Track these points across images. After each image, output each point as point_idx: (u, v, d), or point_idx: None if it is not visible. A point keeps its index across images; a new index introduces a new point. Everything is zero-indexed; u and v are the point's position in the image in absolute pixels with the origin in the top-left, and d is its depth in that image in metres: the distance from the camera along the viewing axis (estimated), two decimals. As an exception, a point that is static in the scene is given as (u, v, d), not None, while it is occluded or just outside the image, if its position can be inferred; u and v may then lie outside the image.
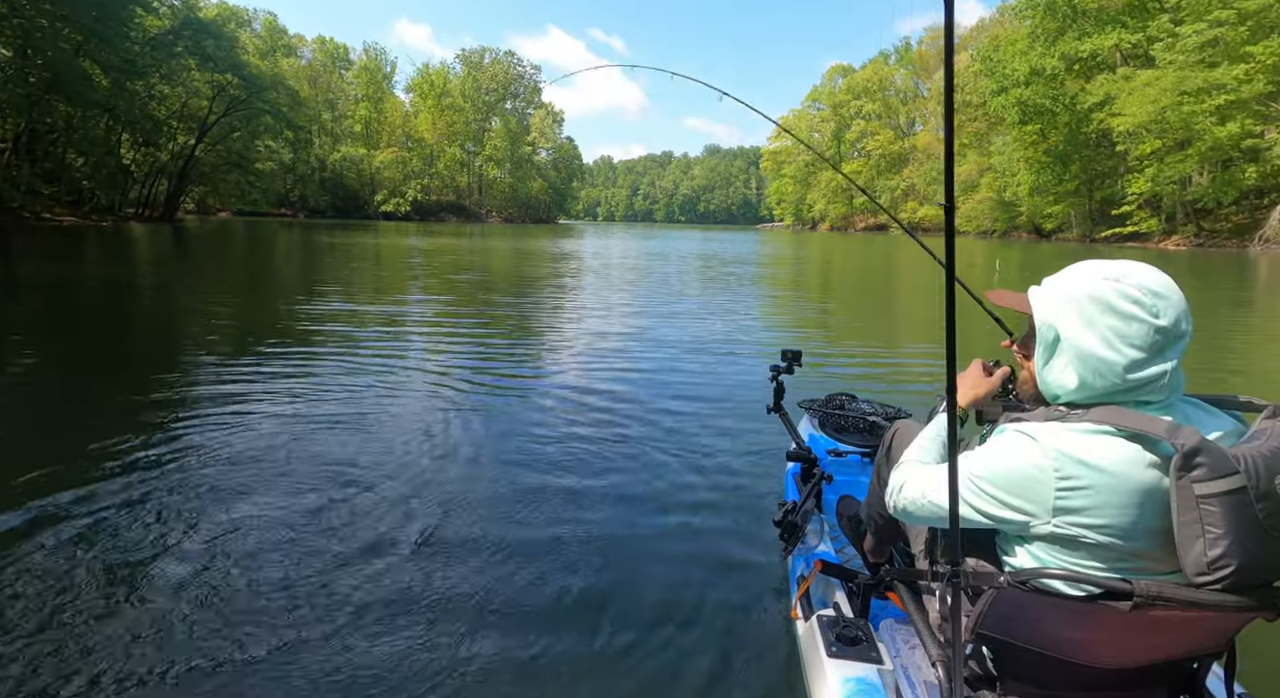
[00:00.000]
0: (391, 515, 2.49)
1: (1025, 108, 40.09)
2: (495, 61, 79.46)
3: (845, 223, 79.14)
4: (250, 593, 1.95)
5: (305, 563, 2.12)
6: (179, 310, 7.94)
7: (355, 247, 21.06)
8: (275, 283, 11.47)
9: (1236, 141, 30.67)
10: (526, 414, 3.89)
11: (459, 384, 4.52)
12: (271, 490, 2.67)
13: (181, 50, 33.02)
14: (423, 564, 2.15)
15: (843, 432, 2.36)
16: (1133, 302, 0.96)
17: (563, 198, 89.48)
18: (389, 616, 1.87)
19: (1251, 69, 29.57)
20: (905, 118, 77.10)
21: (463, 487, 2.78)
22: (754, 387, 4.61)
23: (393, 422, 3.64)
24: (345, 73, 74.08)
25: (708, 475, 2.97)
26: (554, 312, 8.56)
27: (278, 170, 54.72)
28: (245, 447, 3.15)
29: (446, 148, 72.86)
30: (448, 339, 6.39)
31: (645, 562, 2.23)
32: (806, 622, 1.50)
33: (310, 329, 6.45)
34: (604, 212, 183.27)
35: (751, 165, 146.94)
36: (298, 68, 65.66)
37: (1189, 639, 0.99)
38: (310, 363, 4.98)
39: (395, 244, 23.58)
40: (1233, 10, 30.28)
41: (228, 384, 4.29)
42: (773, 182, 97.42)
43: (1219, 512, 0.84)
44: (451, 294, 9.97)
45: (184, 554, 2.16)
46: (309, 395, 4.08)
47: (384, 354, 5.47)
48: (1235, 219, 32.95)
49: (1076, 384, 1.01)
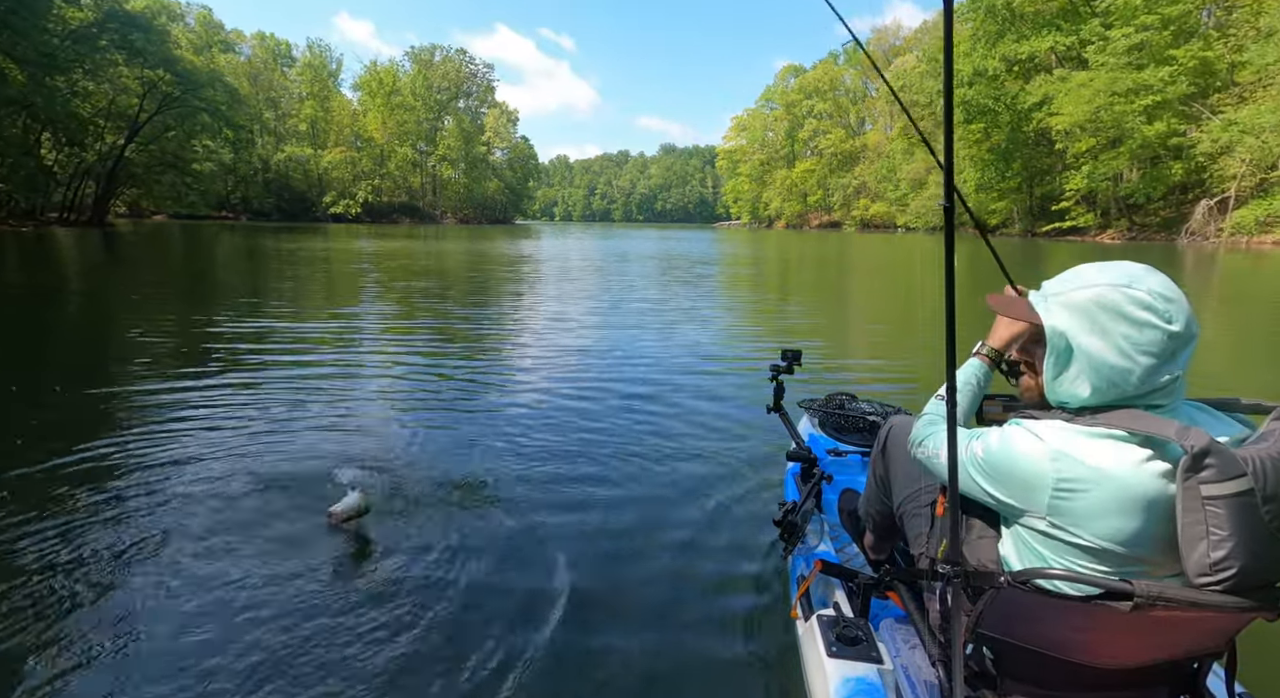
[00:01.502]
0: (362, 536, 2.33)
1: (969, 107, 41.44)
2: (446, 59, 77.80)
3: (800, 221, 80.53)
4: (189, 615, 1.86)
5: (272, 585, 2.01)
6: (102, 321, 7.36)
7: (300, 251, 20.08)
8: (210, 291, 10.78)
9: (1163, 140, 32.43)
10: (519, 419, 3.79)
11: (431, 386, 4.31)
12: (209, 514, 2.46)
13: (107, 44, 31.05)
14: (422, 567, 2.13)
15: (843, 431, 2.35)
16: (1145, 308, 0.94)
17: (519, 198, 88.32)
18: (371, 641, 1.78)
19: (1175, 71, 31.35)
20: (855, 117, 78.93)
21: (452, 492, 2.72)
22: (753, 387, 4.55)
23: (352, 437, 3.38)
24: (288, 70, 71.24)
25: (707, 476, 2.96)
26: (529, 315, 8.31)
27: (217, 171, 52.23)
28: (176, 467, 2.89)
29: (398, 148, 70.88)
30: (403, 350, 6.08)
31: (645, 562, 2.22)
32: (806, 622, 1.51)
33: (243, 341, 6.02)
34: (561, 211, 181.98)
35: (707, 164, 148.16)
36: (236, 64, 62.74)
37: (1189, 639, 0.99)
38: (246, 377, 4.63)
39: (344, 248, 22.67)
40: (1156, 15, 32.01)
41: (159, 396, 3.93)
42: (729, 180, 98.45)
43: (1224, 514, 0.83)
44: (403, 303, 9.56)
45: (111, 581, 2.01)
46: (246, 412, 3.76)
47: (326, 371, 5.07)
48: (1163, 214, 34.81)
49: (1089, 393, 0.99)
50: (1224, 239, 29.09)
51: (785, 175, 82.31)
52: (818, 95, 79.30)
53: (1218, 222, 30.15)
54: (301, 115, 67.74)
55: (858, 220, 68.30)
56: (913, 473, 1.47)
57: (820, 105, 78.77)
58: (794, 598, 1.65)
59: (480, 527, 2.43)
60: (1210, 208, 30.67)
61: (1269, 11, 27.89)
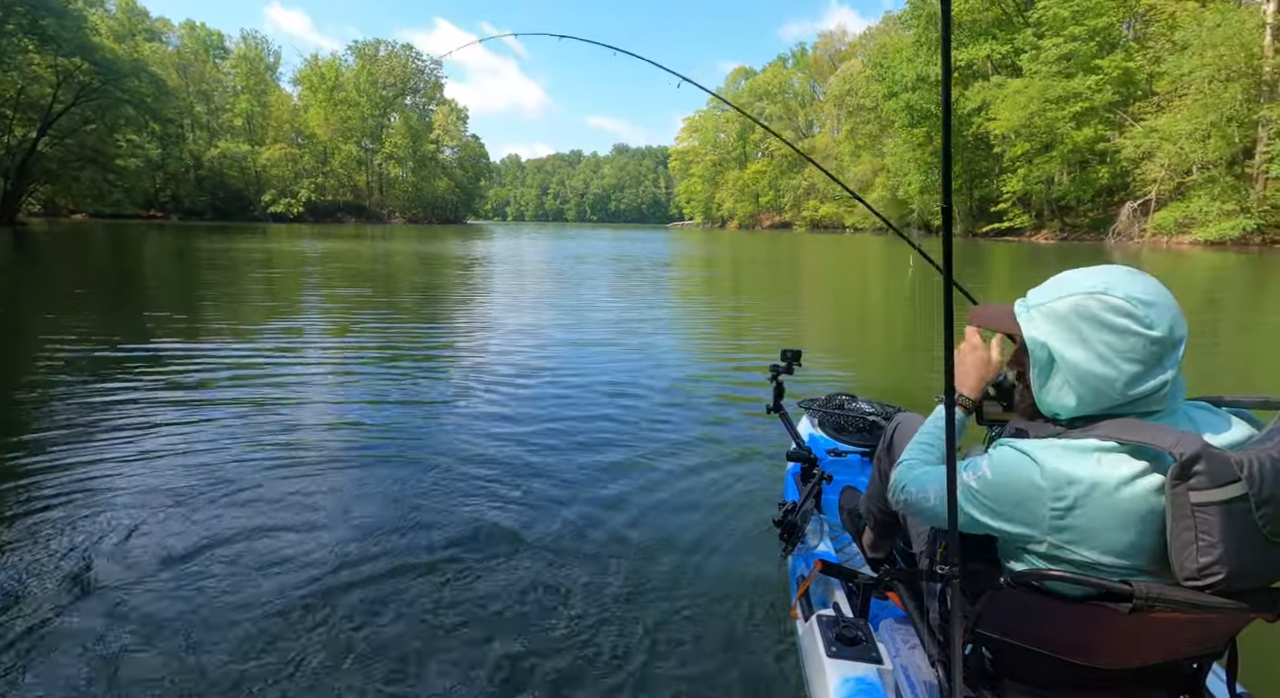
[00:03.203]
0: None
1: (913, 111, 42.79)
2: (392, 55, 75.45)
3: (753, 221, 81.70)
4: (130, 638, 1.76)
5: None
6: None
7: (230, 253, 18.97)
8: (128, 296, 10.01)
9: (1091, 145, 34.25)
10: (514, 421, 3.74)
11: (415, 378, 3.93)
12: (135, 541, 2.23)
13: (14, 29, 28.83)
14: (420, 567, 2.12)
15: (842, 431, 2.34)
16: (1124, 315, 0.94)
17: (470, 197, 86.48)
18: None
19: (1101, 80, 33.17)
20: (804, 120, 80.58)
21: (446, 500, 2.67)
22: (752, 386, 4.53)
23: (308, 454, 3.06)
24: (221, 62, 67.70)
25: (707, 476, 2.95)
26: (497, 320, 7.95)
27: (144, 168, 49.06)
28: (96, 491, 2.55)
29: (342, 145, 68.27)
30: (343, 366, 5.67)
31: (644, 562, 2.22)
32: (806, 622, 1.51)
33: (156, 354, 5.52)
34: (513, 211, 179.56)
35: (660, 165, 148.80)
36: (164, 54, 59.14)
37: (1189, 640, 0.98)
38: (153, 394, 4.21)
39: (280, 249, 21.57)
40: (1083, 27, 33.79)
41: (61, 409, 3.51)
42: (681, 181, 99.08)
43: (1214, 520, 0.83)
44: (342, 312, 9.02)
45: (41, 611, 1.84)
46: (158, 432, 3.38)
47: (250, 393, 4.59)
48: (1092, 215, 36.75)
49: (1076, 403, 0.98)
50: (1147, 239, 30.87)
51: (737, 176, 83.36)
52: (768, 98, 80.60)
53: (1141, 223, 31.98)
54: (237, 110, 64.48)
55: (808, 221, 69.74)
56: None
57: (770, 107, 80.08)
58: (794, 598, 1.65)
59: (475, 528, 2.41)
60: (1134, 210, 32.50)
61: (1182, 26, 29.74)
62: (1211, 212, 28.15)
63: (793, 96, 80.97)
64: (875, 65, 48.89)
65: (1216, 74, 27.84)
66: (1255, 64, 27.81)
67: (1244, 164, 29.01)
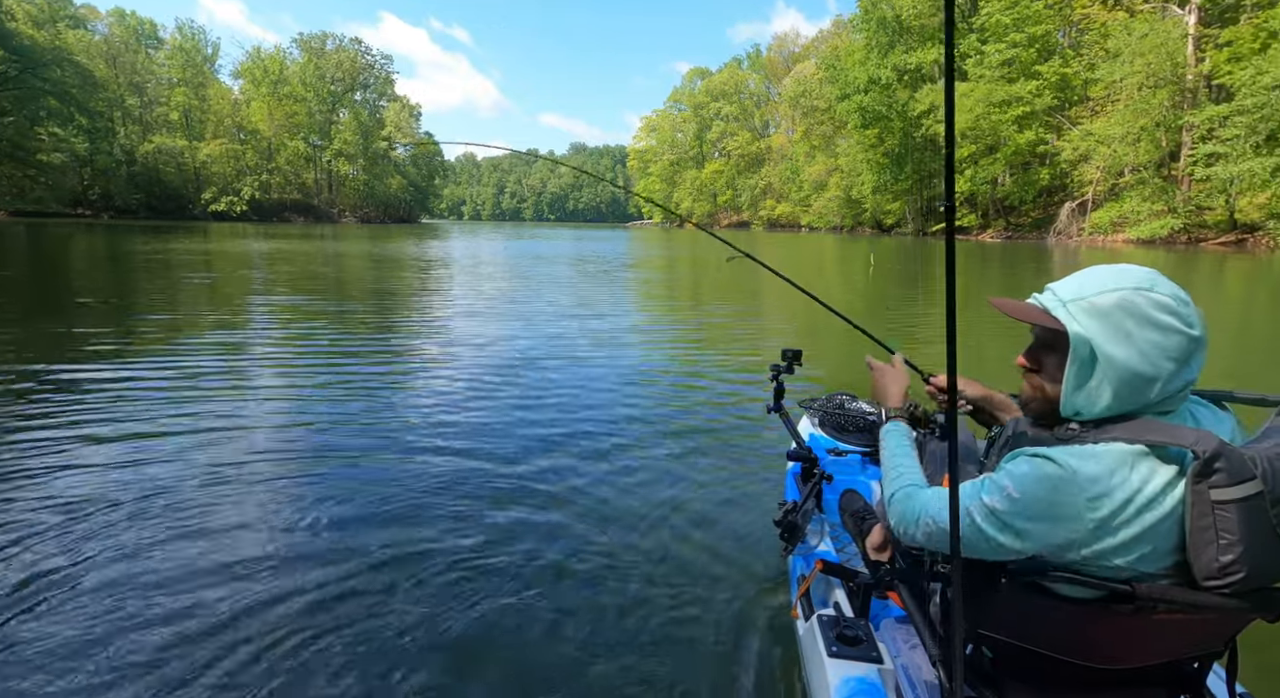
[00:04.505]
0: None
1: (865, 113, 43.83)
2: (340, 49, 72.97)
3: (711, 220, 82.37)
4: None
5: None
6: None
7: (163, 255, 17.95)
8: (46, 303, 9.31)
9: (1032, 147, 35.73)
10: (506, 423, 3.70)
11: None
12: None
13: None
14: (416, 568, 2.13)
15: (843, 431, 2.34)
16: (1169, 313, 0.92)
17: (425, 196, 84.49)
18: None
19: (1040, 85, 34.63)
20: (760, 120, 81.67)
21: (444, 499, 2.65)
22: (752, 386, 4.48)
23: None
24: (155, 53, 64.10)
25: (706, 475, 2.95)
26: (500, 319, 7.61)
27: (70, 163, 46.28)
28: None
29: (288, 141, 65.62)
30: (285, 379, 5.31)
31: (644, 562, 2.21)
32: (807, 622, 1.51)
33: (79, 378, 5.05)
34: (470, 210, 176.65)
35: (618, 164, 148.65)
36: (90, 43, 55.54)
37: (1190, 640, 0.98)
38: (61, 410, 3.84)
39: (219, 250, 20.51)
40: (1023, 34, 35.20)
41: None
42: (640, 180, 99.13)
43: (1234, 518, 0.83)
44: (282, 321, 8.57)
45: None
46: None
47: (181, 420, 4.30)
48: (1034, 214, 38.34)
49: (1111, 400, 0.95)
50: (1085, 238, 32.36)
51: (695, 176, 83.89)
52: (724, 98, 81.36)
53: (1079, 222, 33.53)
54: (172, 103, 61.15)
55: (765, 220, 70.73)
56: (934, 469, 1.44)
57: (727, 108, 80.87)
58: (794, 598, 1.65)
59: (473, 528, 2.40)
60: (1073, 209, 34.06)
61: (1114, 34, 31.29)
62: (1142, 212, 29.72)
63: (748, 97, 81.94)
64: (828, 67, 49.87)
65: (1145, 81, 29.40)
66: (1180, 72, 29.47)
67: (1171, 166, 30.71)
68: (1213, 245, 26.70)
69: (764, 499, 2.68)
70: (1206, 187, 27.56)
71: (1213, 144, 26.22)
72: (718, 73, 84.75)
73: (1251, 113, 24.48)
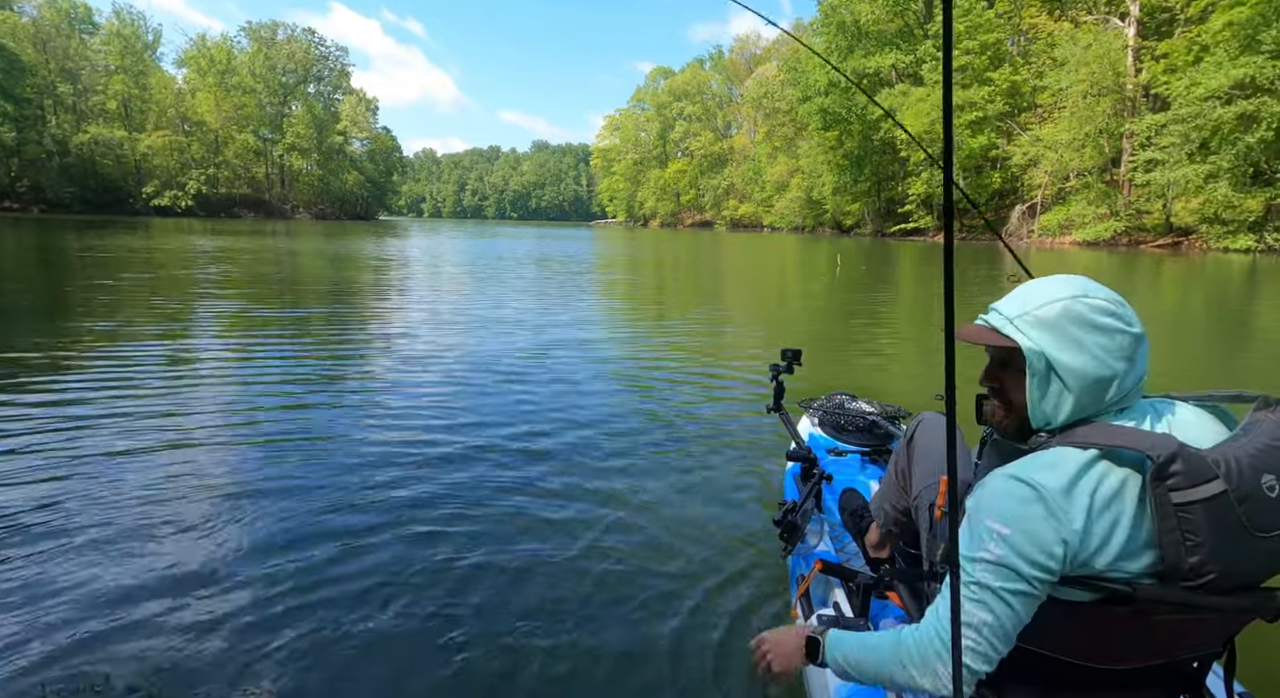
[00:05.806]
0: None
1: (826, 115, 44.57)
2: (292, 39, 70.40)
3: (675, 220, 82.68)
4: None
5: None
6: None
7: (102, 252, 17.03)
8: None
9: (985, 151, 36.93)
10: (511, 422, 3.66)
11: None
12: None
13: None
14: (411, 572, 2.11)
15: (843, 431, 2.34)
16: (1109, 315, 0.96)
17: (383, 192, 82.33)
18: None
19: (992, 91, 35.81)
20: (722, 121, 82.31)
21: (441, 510, 2.59)
22: (751, 385, 4.49)
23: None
24: (90, 38, 60.66)
25: (706, 475, 2.95)
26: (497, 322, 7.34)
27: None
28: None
29: (236, 134, 62.97)
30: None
31: (643, 562, 2.21)
32: (806, 622, 1.50)
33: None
34: (430, 207, 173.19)
35: (581, 162, 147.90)
36: (17, 26, 52.12)
37: (1189, 640, 0.99)
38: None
39: (160, 247, 19.57)
40: (976, 41, 36.35)
41: None
42: (603, 179, 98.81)
43: (1197, 519, 0.84)
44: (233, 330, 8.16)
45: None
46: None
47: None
48: (987, 217, 39.62)
49: (1072, 408, 0.98)
50: (1034, 240, 33.61)
51: (659, 175, 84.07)
52: (687, 98, 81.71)
53: (1029, 224, 34.81)
54: (110, 91, 57.93)
55: (728, 220, 71.34)
56: (933, 470, 1.45)
57: (690, 108, 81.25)
58: (794, 598, 1.65)
59: (470, 529, 2.40)
60: (1023, 212, 35.35)
61: (1060, 44, 32.57)
62: (1087, 215, 31.03)
63: (711, 97, 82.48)
64: (790, 69, 50.53)
65: (1089, 89, 30.69)
66: (1121, 82, 30.87)
67: (1113, 172, 32.14)
68: (1151, 248, 28.06)
69: (763, 499, 2.69)
70: (1145, 191, 28.96)
71: (1151, 151, 27.55)
72: (680, 73, 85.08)
73: (1186, 122, 25.80)
